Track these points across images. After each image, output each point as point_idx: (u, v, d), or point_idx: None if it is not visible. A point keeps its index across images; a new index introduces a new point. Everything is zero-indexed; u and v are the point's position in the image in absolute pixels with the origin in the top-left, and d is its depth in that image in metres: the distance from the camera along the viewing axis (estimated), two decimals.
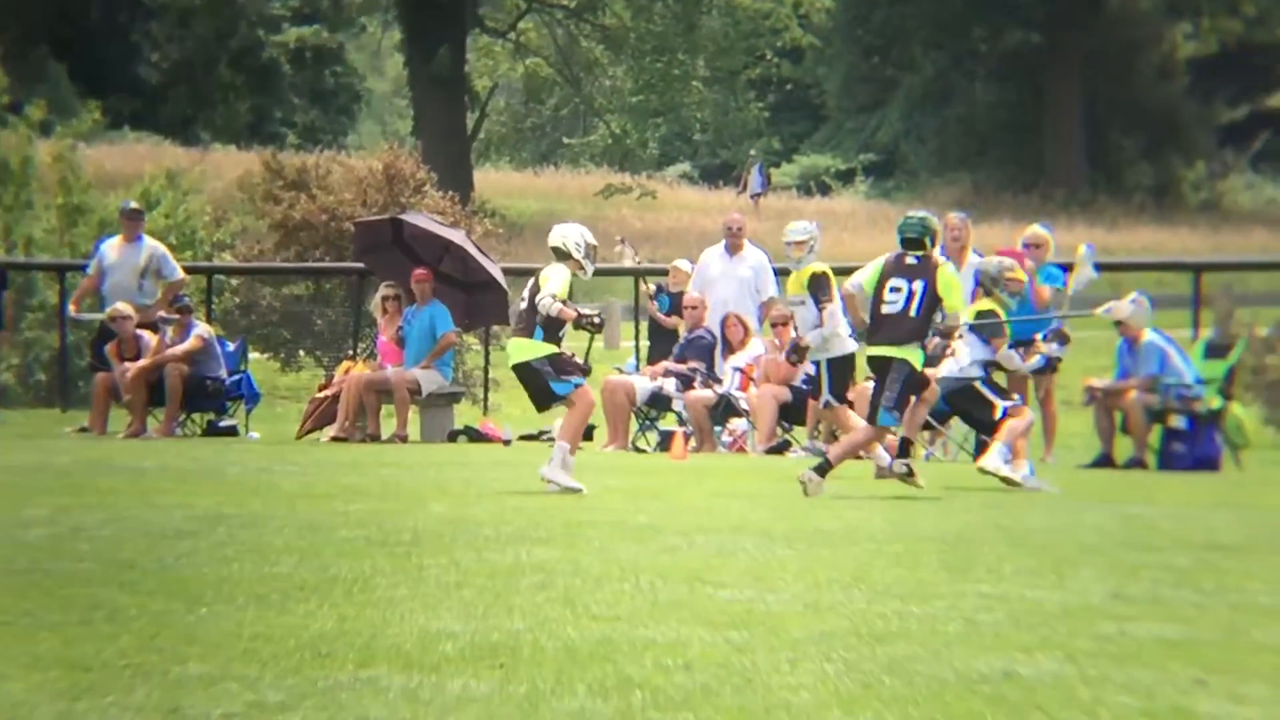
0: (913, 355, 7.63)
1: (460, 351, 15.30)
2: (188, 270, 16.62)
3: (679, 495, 7.57)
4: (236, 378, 12.45)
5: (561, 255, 7.70)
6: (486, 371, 14.98)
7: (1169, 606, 4.26)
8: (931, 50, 38.39)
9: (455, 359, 13.92)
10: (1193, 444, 10.04)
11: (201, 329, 12.25)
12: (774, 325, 11.75)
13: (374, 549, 5.19)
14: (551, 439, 11.91)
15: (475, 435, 12.22)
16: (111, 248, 12.42)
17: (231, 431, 12.26)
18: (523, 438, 12.40)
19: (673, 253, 29.47)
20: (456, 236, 12.84)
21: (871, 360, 7.81)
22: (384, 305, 12.61)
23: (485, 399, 14.61)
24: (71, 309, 12.95)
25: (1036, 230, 11.16)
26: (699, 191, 38.78)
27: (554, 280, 7.50)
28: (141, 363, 11.81)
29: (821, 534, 5.82)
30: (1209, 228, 32.56)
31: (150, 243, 12.57)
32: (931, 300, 7.60)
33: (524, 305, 7.63)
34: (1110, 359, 11.68)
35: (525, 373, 7.64)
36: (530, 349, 7.52)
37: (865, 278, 7.92)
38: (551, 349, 7.51)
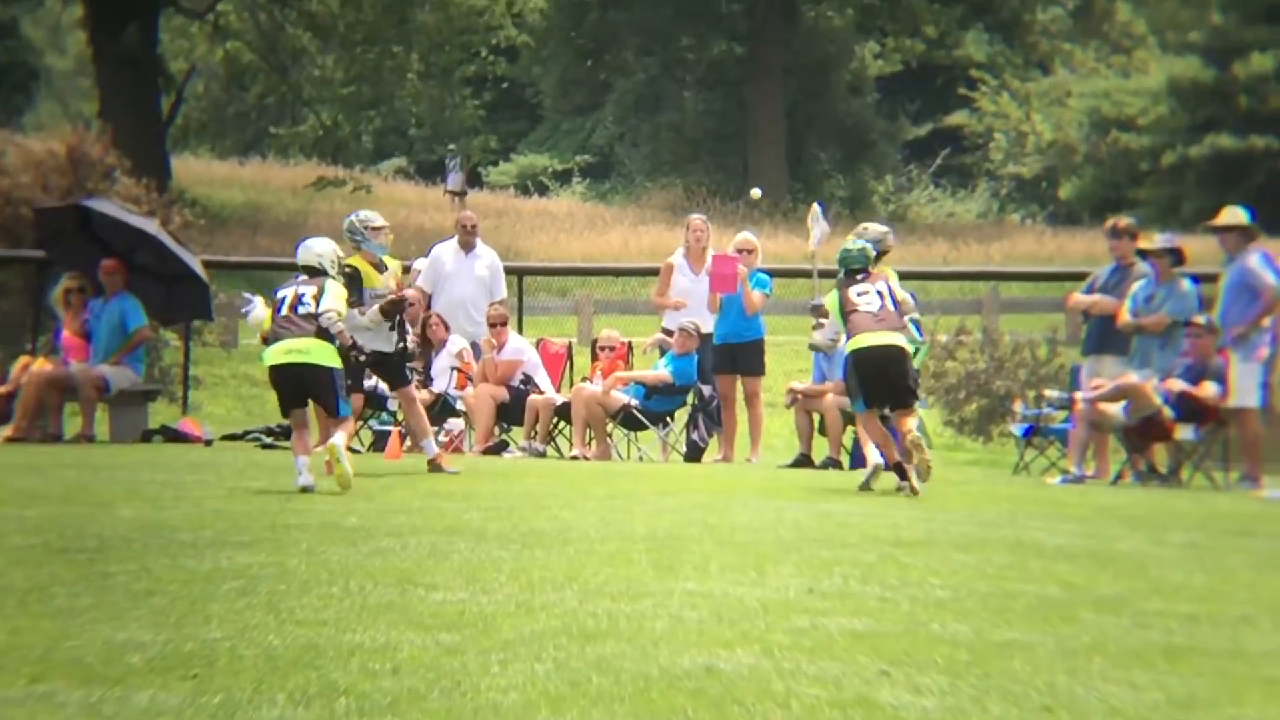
0: (907, 345, 8.20)
1: (156, 347, 14.50)
2: None
3: (391, 496, 7.40)
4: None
5: (316, 273, 7.91)
6: (186, 368, 14.25)
7: (857, 600, 4.45)
8: (643, 56, 39.23)
9: (150, 354, 13.18)
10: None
11: None
12: (491, 325, 11.69)
13: (53, 557, 4.86)
14: (257, 438, 11.49)
15: (173, 435, 11.59)
16: None
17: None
18: (225, 437, 11.87)
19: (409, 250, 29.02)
20: (149, 226, 12.16)
21: (874, 349, 8.00)
22: (66, 298, 11.80)
23: (185, 397, 13.89)
24: None
25: (747, 236, 11.56)
26: (415, 187, 38.26)
27: (332, 295, 7.82)
28: None
29: (535, 534, 5.80)
30: (897, 238, 34.50)
31: None
32: (893, 299, 8.20)
33: (308, 309, 7.75)
34: (809, 362, 12.24)
35: (313, 374, 7.70)
36: (329, 354, 7.76)
37: (835, 308, 8.34)
38: (339, 362, 7.80)
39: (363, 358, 8.32)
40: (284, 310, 7.85)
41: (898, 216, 36.40)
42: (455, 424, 11.36)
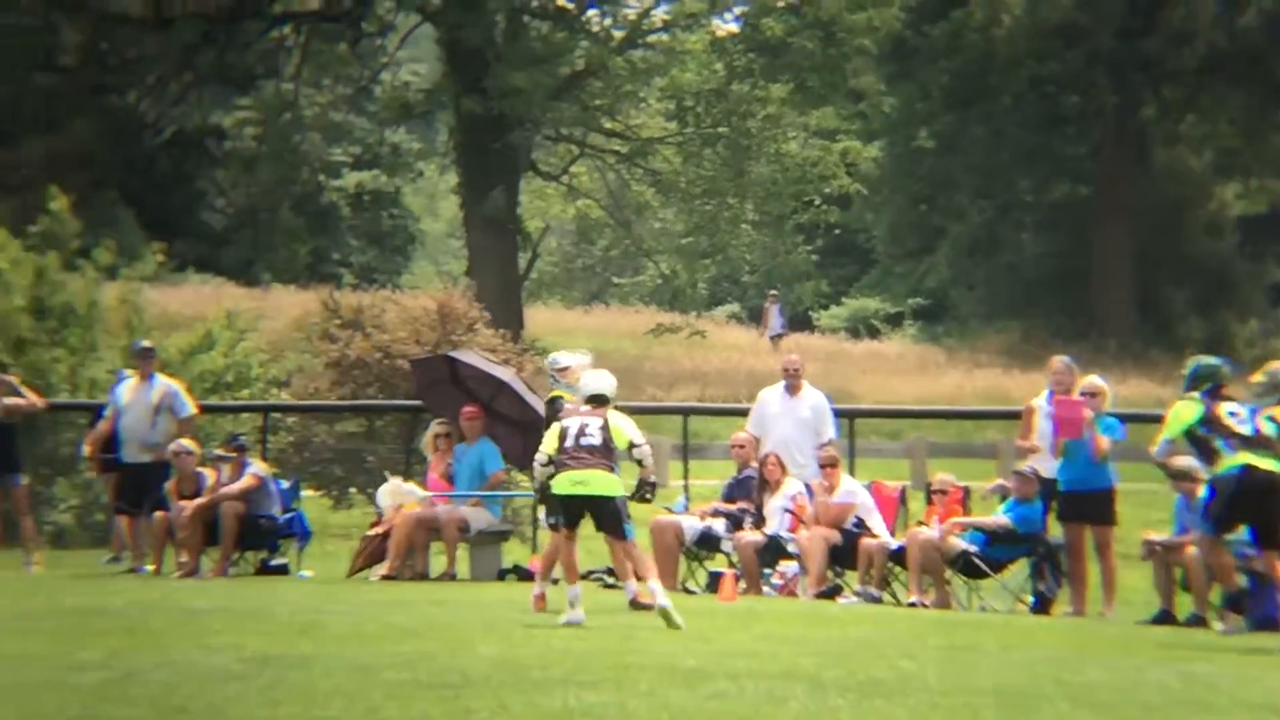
0: None
1: (509, 489, 15.33)
2: (244, 409, 16.89)
3: (728, 638, 7.47)
4: (289, 516, 12.50)
5: (602, 402, 8.16)
6: (535, 510, 14.96)
7: None
8: (979, 200, 38.82)
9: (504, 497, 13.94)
10: (1254, 603, 9.78)
11: (256, 467, 12.33)
12: (823, 467, 11.69)
13: (422, 692, 5.16)
14: (600, 578, 11.89)
15: (524, 574, 12.15)
16: (126, 388, 12.54)
17: (283, 570, 12.26)
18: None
19: (721, 393, 29.61)
20: (506, 375, 12.96)
21: (1259, 472, 7.80)
22: (435, 442, 12.68)
23: (534, 537, 14.56)
24: (86, 449, 12.98)
25: (1094, 380, 11.14)
26: (747, 331, 39.04)
27: (630, 426, 8.14)
28: (198, 501, 11.88)
29: (874, 683, 5.71)
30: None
31: (162, 381, 12.66)
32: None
33: (594, 441, 7.98)
34: (1167, 513, 11.49)
35: (606, 505, 7.95)
36: (616, 485, 8.04)
37: (1185, 422, 8.09)
38: (622, 490, 8.09)
39: (649, 497, 8.39)
40: (570, 441, 8.05)
41: (1262, 361, 33.88)
42: (788, 567, 11.37)
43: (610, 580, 11.85)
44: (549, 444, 8.24)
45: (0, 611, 7.77)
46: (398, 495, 12.12)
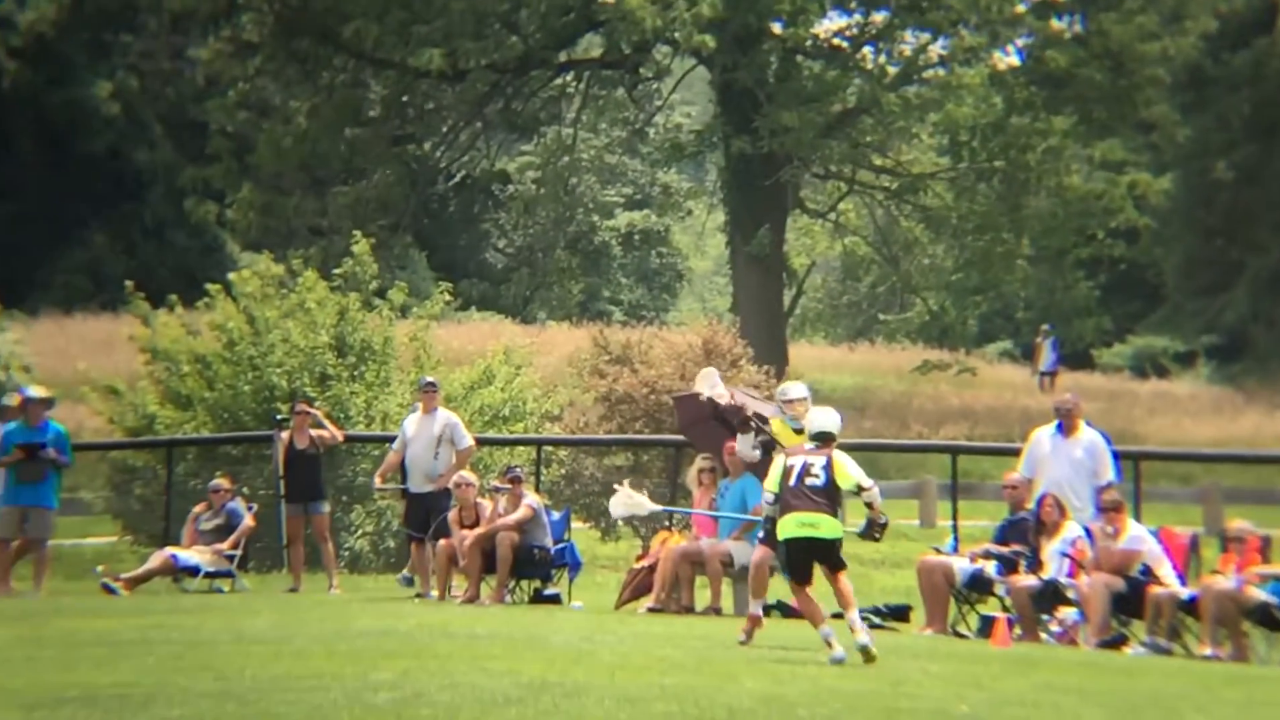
0: None
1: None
2: (518, 442, 17.50)
3: (1003, 685, 7.20)
4: (561, 546, 12.83)
5: (828, 440, 8.14)
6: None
7: None
8: None
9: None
10: None
11: (531, 499, 12.73)
12: (1105, 510, 11.14)
13: None
14: (866, 618, 11.66)
15: (788, 610, 12.07)
16: (412, 421, 13.05)
17: (556, 600, 12.59)
18: (834, 615, 12.16)
19: (991, 432, 28.71)
20: (769, 410, 12.95)
21: None
22: (700, 477, 12.79)
23: None
24: (377, 481, 13.49)
25: None
26: (1020, 369, 37.75)
27: (854, 467, 8.09)
28: (478, 530, 12.35)
29: None
30: None
31: (444, 414, 13.09)
32: None
33: (818, 482, 7.97)
34: None
35: (828, 547, 7.93)
36: (839, 529, 8.04)
37: None
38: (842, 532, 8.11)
39: (878, 536, 8.35)
40: (794, 481, 7.96)
41: None
42: (1068, 614, 10.87)
43: (876, 620, 11.61)
44: (772, 481, 8.22)
45: (304, 634, 8.26)
46: (630, 505, 12.25)
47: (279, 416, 14.57)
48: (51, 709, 5.15)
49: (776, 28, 28.56)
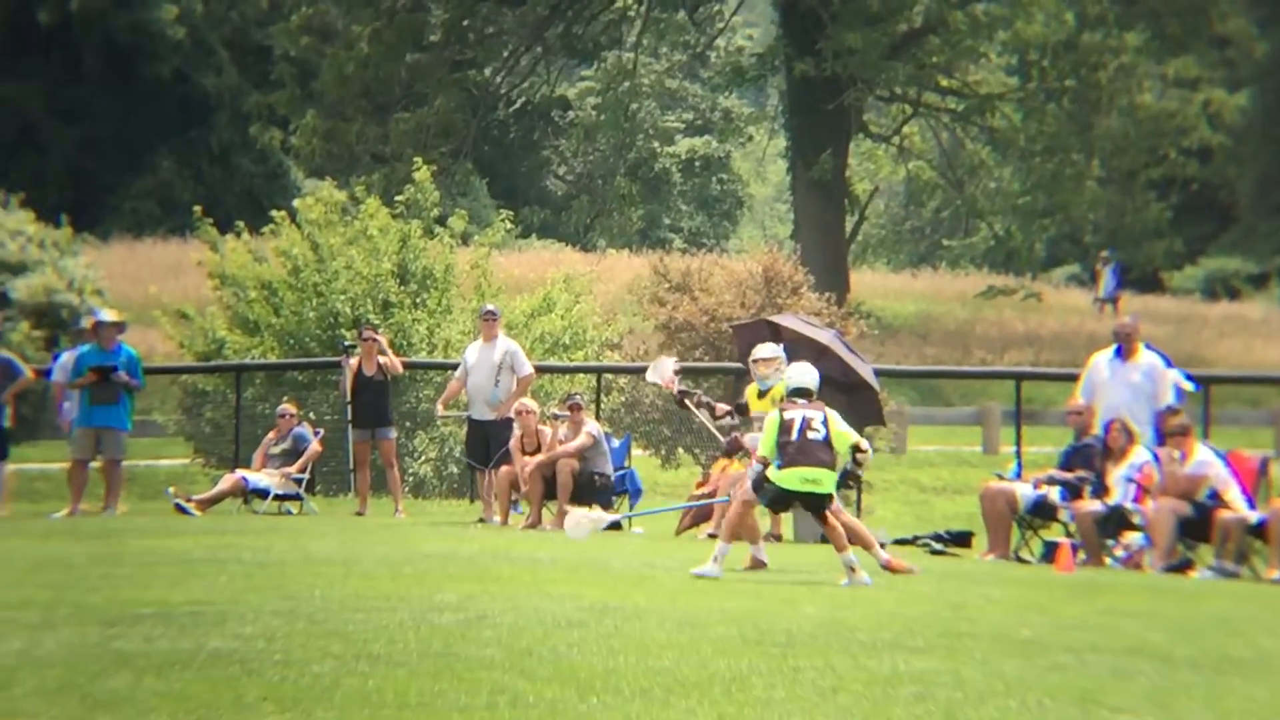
0: None
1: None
2: (579, 370, 17.59)
3: (1066, 610, 7.19)
4: (621, 474, 12.92)
5: (808, 394, 8.23)
6: (858, 474, 14.85)
7: None
8: None
9: None
10: None
11: (592, 426, 12.80)
12: (1171, 435, 11.00)
13: (750, 648, 5.25)
14: (927, 544, 11.69)
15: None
16: (473, 349, 13.10)
17: (616, 526, 12.70)
18: (897, 541, 12.18)
19: (1057, 358, 28.39)
20: (824, 337, 12.87)
21: None
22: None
23: (858, 500, 14.48)
24: (439, 408, 13.64)
25: None
26: (1088, 294, 37.19)
27: (848, 427, 8.26)
28: (539, 457, 12.46)
29: (1230, 661, 5.36)
30: None
31: (504, 341, 13.12)
32: None
33: (817, 437, 8.06)
34: None
35: (826, 500, 8.15)
36: (834, 482, 8.23)
37: None
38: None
39: (852, 485, 8.62)
40: (795, 435, 7.98)
41: None
42: (1133, 539, 10.79)
43: (937, 546, 11.62)
44: (767, 439, 8.20)
45: (370, 556, 8.42)
46: (588, 523, 12.22)
47: (346, 343, 14.72)
48: (129, 625, 5.30)
49: None
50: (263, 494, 13.59)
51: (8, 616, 5.51)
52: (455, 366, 13.67)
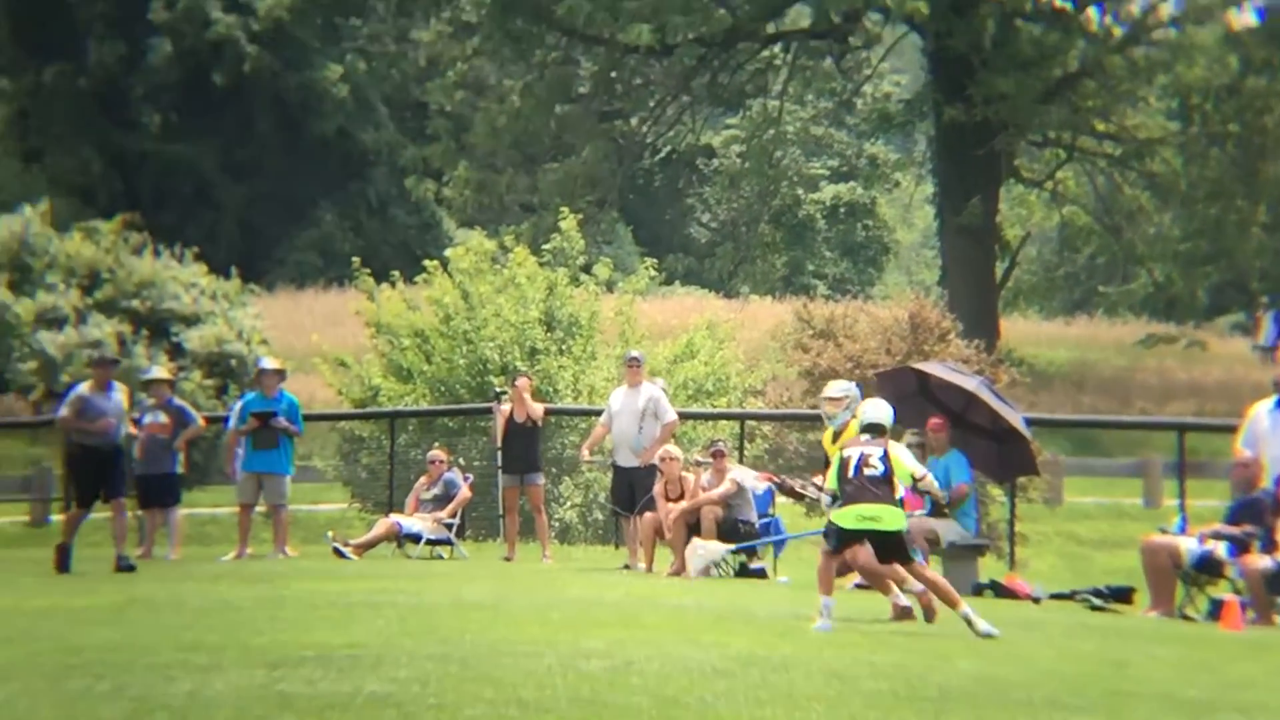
0: None
1: (984, 503, 14.91)
2: (722, 416, 17.55)
3: (1235, 669, 6.89)
4: (766, 521, 12.82)
5: (879, 431, 8.04)
6: (1012, 525, 14.48)
7: None
8: None
9: (980, 510, 13.57)
10: None
11: (736, 472, 12.75)
12: None
13: (901, 704, 5.14)
14: (1087, 599, 11.31)
15: (1001, 591, 11.79)
16: (618, 395, 13.10)
17: (761, 574, 12.60)
18: (1054, 596, 11.82)
19: (1222, 408, 27.29)
20: (972, 384, 12.60)
21: None
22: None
23: (1011, 553, 14.10)
24: (584, 454, 13.65)
25: None
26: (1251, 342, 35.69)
27: (909, 458, 8.10)
28: (683, 504, 12.45)
29: None
30: None
31: (649, 387, 13.06)
32: None
33: (877, 472, 7.92)
34: None
35: (893, 538, 7.97)
36: (902, 518, 8.05)
37: None
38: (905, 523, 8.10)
39: (947, 512, 8.26)
40: (853, 472, 7.83)
41: None
42: None
43: (1097, 602, 11.24)
44: (832, 480, 8.13)
45: (519, 601, 8.52)
46: (705, 555, 12.03)
47: (498, 390, 14.96)
48: (292, 667, 5.45)
49: None
50: (415, 538, 13.85)
51: (179, 659, 5.72)
52: (600, 412, 13.73)
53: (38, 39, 42.20)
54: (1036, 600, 11.46)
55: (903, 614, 8.55)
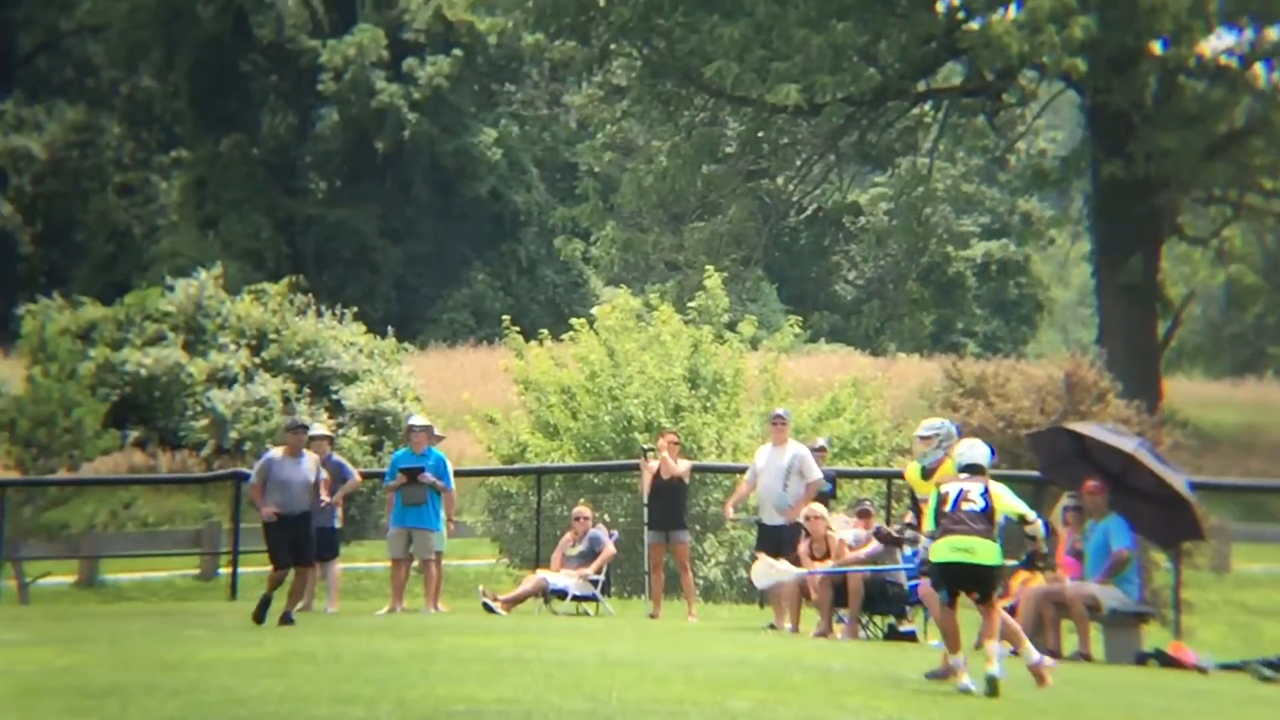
0: None
1: (1148, 569, 14.33)
2: (868, 475, 17.28)
3: None
4: (915, 583, 12.53)
5: (978, 471, 7.97)
6: (1177, 591, 13.87)
7: None
8: None
9: (1144, 576, 13.05)
10: None
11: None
12: None
13: None
14: (1257, 670, 10.76)
15: (1167, 660, 11.29)
16: (763, 453, 13.02)
17: (911, 636, 12.32)
18: (1223, 666, 11.27)
19: None
20: (1130, 445, 12.16)
21: None
22: (1065, 516, 12.19)
23: (1176, 621, 13.50)
24: (728, 511, 13.57)
25: None
26: None
27: (1011, 497, 7.96)
28: (829, 564, 12.27)
29: None
30: None
31: (794, 445, 13.00)
32: None
33: (975, 507, 7.83)
34: None
35: (984, 574, 7.75)
36: (997, 554, 7.81)
37: None
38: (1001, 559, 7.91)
39: (1040, 567, 8.26)
40: (951, 506, 7.74)
41: None
42: None
43: (1268, 673, 10.68)
44: (929, 518, 8.09)
45: (664, 659, 8.49)
46: (772, 573, 11.80)
47: (645, 447, 15.04)
48: None
49: (1156, 47, 27.03)
50: (562, 594, 13.94)
51: (336, 712, 5.85)
52: (744, 470, 13.68)
53: (215, 112, 44.46)
54: (1204, 670, 10.95)
55: (1037, 673, 8.25)
